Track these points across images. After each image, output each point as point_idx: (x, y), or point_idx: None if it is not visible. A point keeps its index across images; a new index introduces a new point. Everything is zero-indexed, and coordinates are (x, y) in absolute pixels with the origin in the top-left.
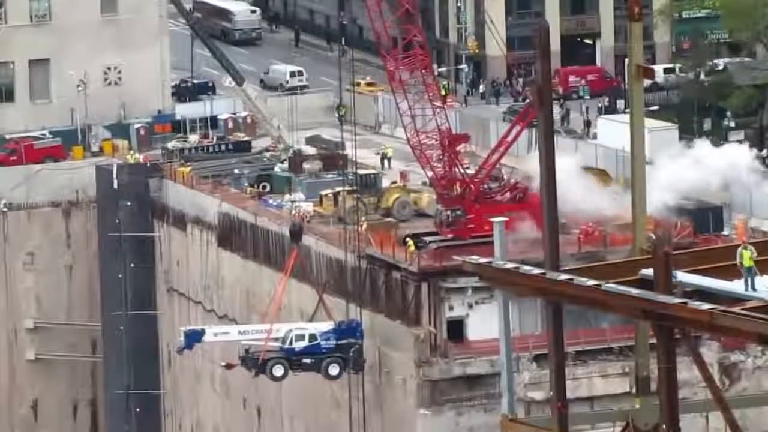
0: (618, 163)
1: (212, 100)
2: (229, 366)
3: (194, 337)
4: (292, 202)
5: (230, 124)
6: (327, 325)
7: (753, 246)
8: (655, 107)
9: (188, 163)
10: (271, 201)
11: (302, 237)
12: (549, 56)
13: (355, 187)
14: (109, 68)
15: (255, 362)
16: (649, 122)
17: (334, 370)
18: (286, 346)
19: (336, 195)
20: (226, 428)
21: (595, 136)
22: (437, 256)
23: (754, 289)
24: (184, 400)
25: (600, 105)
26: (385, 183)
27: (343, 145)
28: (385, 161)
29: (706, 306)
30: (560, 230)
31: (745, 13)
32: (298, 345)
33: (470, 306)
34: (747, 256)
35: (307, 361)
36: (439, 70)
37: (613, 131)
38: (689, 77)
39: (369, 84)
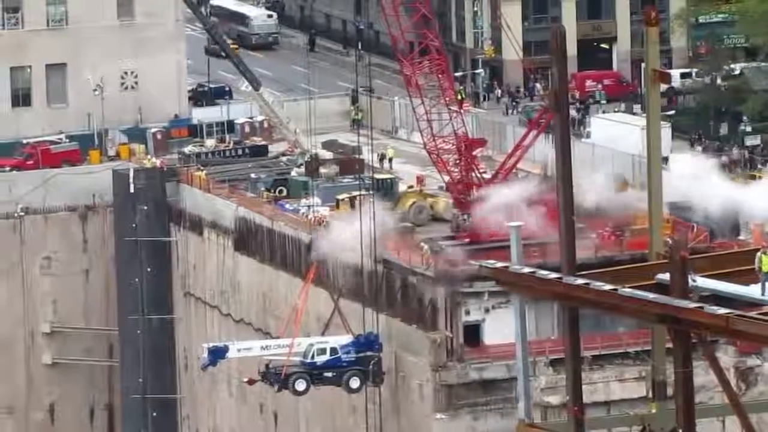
0: (612, 161)
1: (229, 104)
2: (251, 382)
3: (218, 354)
4: (309, 206)
5: (247, 129)
6: (346, 338)
7: None
8: (672, 112)
9: (205, 168)
10: (287, 205)
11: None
12: (565, 60)
13: (371, 192)
14: (125, 72)
15: (278, 377)
16: (642, 120)
17: (354, 383)
18: (308, 360)
19: (352, 199)
20: None
21: (588, 135)
22: (454, 260)
23: None
24: (201, 404)
25: (616, 110)
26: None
27: (359, 150)
28: (385, 162)
29: (722, 310)
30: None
31: (761, 17)
32: (320, 359)
33: (487, 310)
34: (766, 261)
35: (329, 374)
36: (456, 74)
37: (607, 130)
38: (706, 82)
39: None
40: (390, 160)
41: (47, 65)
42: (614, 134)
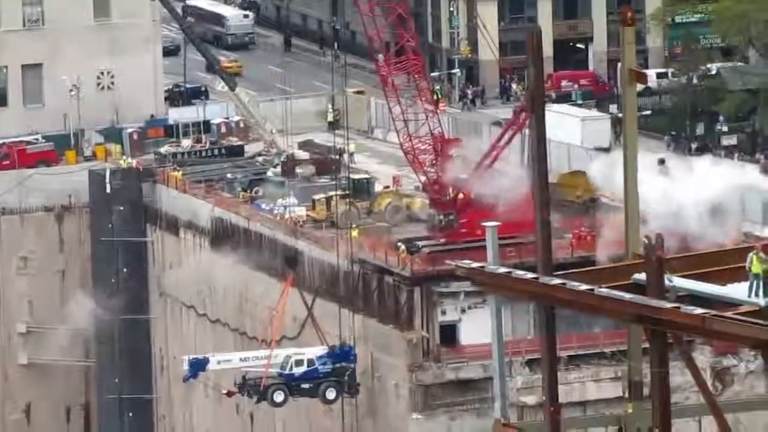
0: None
1: (205, 104)
2: (230, 394)
3: (199, 366)
4: (285, 206)
5: (223, 129)
6: (321, 350)
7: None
8: (648, 112)
9: (181, 168)
10: (263, 205)
11: (298, 263)
12: (541, 61)
13: (347, 192)
14: (102, 73)
15: (256, 389)
16: (581, 111)
17: (331, 394)
18: (286, 371)
19: (329, 199)
20: None
21: None
22: (430, 260)
23: (756, 295)
24: (177, 404)
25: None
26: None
27: (336, 150)
28: (346, 156)
29: (698, 310)
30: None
31: (737, 17)
32: (298, 370)
33: (463, 310)
34: (756, 263)
35: (306, 386)
36: (432, 74)
37: (548, 121)
38: (682, 82)
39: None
40: (351, 154)
41: (23, 65)
42: (555, 126)
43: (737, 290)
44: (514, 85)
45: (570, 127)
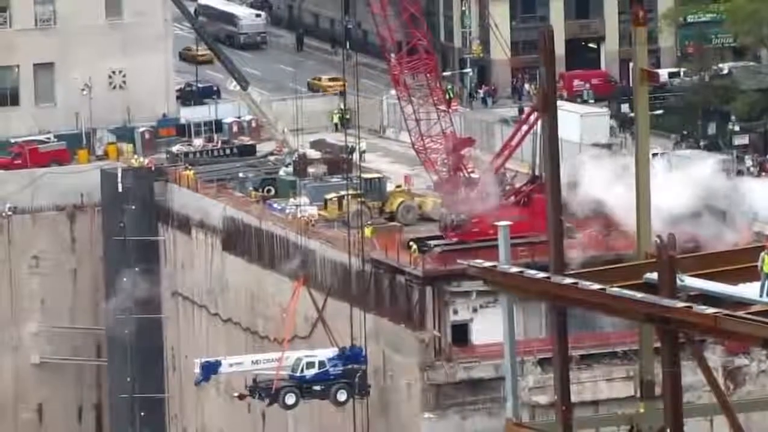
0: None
1: (217, 103)
2: (241, 397)
3: (211, 369)
4: (297, 206)
5: (235, 128)
6: (332, 351)
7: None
8: (660, 111)
9: (193, 167)
10: (275, 205)
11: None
12: (553, 60)
13: (359, 191)
14: (113, 72)
15: (268, 392)
16: (580, 107)
17: (342, 396)
18: (298, 374)
19: (340, 199)
20: None
21: None
22: (442, 260)
23: None
24: (189, 403)
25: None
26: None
27: (348, 149)
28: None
29: (710, 310)
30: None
31: (749, 17)
32: (309, 373)
33: (475, 310)
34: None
35: (317, 388)
36: (444, 74)
37: None
38: (694, 81)
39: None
40: (363, 152)
41: (35, 64)
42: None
43: (749, 290)
44: (527, 85)
45: (569, 123)
